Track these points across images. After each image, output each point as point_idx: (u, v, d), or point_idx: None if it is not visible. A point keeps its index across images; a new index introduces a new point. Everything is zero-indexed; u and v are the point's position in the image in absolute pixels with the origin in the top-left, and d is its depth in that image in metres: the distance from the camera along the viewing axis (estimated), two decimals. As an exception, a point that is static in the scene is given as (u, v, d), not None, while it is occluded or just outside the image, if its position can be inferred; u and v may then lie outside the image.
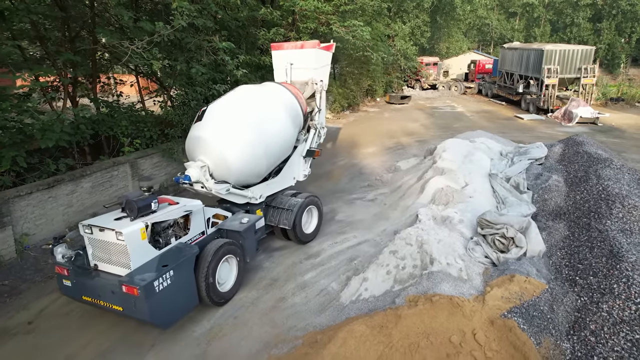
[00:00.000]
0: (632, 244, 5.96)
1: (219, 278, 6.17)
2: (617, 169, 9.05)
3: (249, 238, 6.75)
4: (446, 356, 4.61)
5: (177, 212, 5.96)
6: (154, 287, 5.07)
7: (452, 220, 7.01)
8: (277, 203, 7.92)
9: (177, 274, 5.41)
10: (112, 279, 5.30)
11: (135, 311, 5.11)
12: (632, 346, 4.38)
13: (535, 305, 5.09)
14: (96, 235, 5.44)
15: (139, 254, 5.36)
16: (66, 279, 5.63)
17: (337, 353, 4.76)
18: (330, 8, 12.03)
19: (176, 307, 5.51)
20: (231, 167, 6.71)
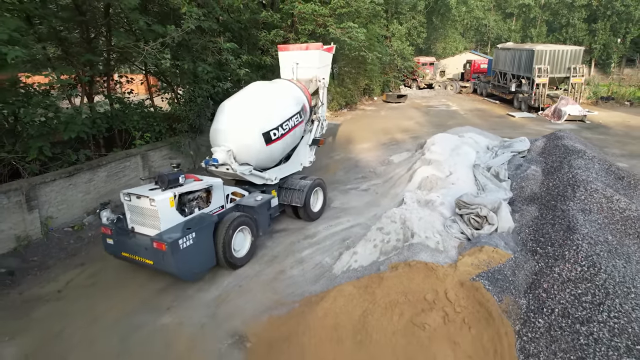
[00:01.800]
0: (588, 220, 6.78)
1: (234, 245, 7.20)
2: (589, 159, 9.87)
3: (262, 214, 7.88)
4: (421, 311, 5.43)
5: (200, 185, 7.08)
6: (179, 244, 6.16)
7: (434, 203, 7.82)
8: (289, 185, 8.98)
9: (199, 236, 6.50)
10: (145, 238, 6.44)
11: (163, 264, 6.21)
12: (574, 299, 5.20)
13: (500, 270, 5.90)
14: (134, 202, 6.62)
15: (168, 218, 6.44)
16: (109, 237, 6.85)
17: (328, 309, 5.58)
18: (327, 11, 12.83)
19: (197, 264, 6.62)
20: (252, 151, 7.81)
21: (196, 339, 5.74)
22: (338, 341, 5.25)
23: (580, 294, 5.26)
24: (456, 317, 5.37)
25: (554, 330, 5.02)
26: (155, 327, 6.00)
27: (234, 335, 5.74)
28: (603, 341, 4.74)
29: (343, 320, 5.44)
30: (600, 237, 6.30)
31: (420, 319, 5.33)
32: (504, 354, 4.99)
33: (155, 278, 7.23)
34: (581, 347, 4.74)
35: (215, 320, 6.13)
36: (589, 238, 6.10)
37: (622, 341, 4.73)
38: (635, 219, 7.31)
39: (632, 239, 6.86)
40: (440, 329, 5.26)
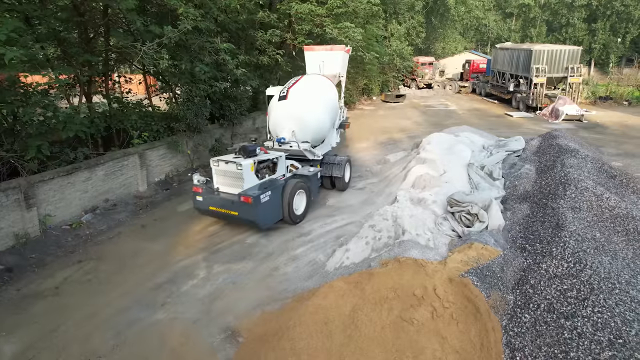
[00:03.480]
0: (577, 218, 6.88)
1: (295, 205, 8.91)
2: (582, 158, 9.97)
3: (314, 182, 9.81)
4: (410, 306, 5.53)
5: (270, 156, 8.92)
6: (260, 199, 7.92)
7: (427, 201, 7.92)
8: (328, 160, 10.76)
9: (273, 194, 8.27)
10: (230, 196, 8.21)
11: (247, 214, 7.99)
12: (560, 295, 5.29)
13: (489, 267, 5.99)
14: (221, 167, 8.42)
15: (249, 180, 8.26)
16: (199, 195, 8.59)
17: (319, 304, 5.69)
18: (324, 11, 12.93)
19: (270, 216, 8.38)
20: (310, 130, 9.76)
21: (189, 334, 5.85)
22: (328, 335, 5.35)
23: (565, 289, 5.36)
24: (444, 313, 5.46)
25: (539, 325, 5.12)
26: (149, 322, 6.11)
27: (227, 330, 5.85)
28: (586, 335, 4.83)
29: (333, 315, 5.54)
30: (588, 234, 6.40)
31: (409, 314, 5.43)
32: (490, 349, 5.09)
33: (151, 275, 7.36)
34: (565, 341, 4.84)
35: (209, 316, 6.24)
36: (577, 235, 6.20)
37: (605, 335, 4.82)
38: (624, 216, 7.41)
39: (620, 236, 6.96)
40: (429, 324, 5.36)
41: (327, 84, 10.89)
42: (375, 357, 5.12)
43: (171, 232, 9.10)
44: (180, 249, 8.36)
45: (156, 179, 11.62)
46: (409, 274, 5.81)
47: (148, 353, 5.51)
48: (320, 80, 10.86)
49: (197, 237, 8.89)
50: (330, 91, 10.71)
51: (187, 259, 7.95)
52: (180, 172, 12.32)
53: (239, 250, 8.22)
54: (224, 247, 8.35)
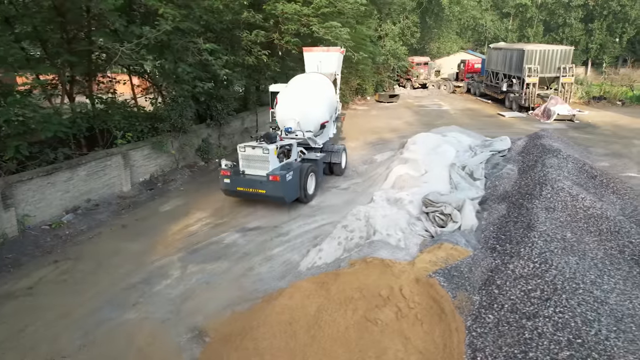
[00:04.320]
0: (550, 218, 6.88)
1: (308, 185, 10.15)
2: (563, 158, 9.98)
3: (320, 165, 11.18)
4: (375, 306, 5.54)
5: (287, 142, 10.23)
6: (286, 178, 9.15)
7: (403, 201, 7.93)
8: (328, 148, 12.05)
9: (294, 175, 9.52)
10: (256, 177, 9.36)
11: (275, 191, 9.16)
12: (524, 295, 5.30)
13: (457, 267, 6.00)
14: (248, 152, 9.53)
15: (273, 162, 9.42)
16: (227, 178, 9.58)
17: (285, 304, 5.70)
18: (310, 11, 12.93)
19: (292, 193, 9.61)
20: (312, 121, 10.91)
21: (157, 334, 5.86)
22: (292, 336, 5.36)
23: (530, 289, 5.36)
24: (409, 313, 5.47)
25: (501, 326, 5.12)
26: (119, 322, 6.12)
27: (194, 330, 5.86)
28: (546, 335, 4.84)
29: (298, 316, 5.55)
30: (558, 234, 6.40)
31: (373, 314, 5.44)
32: (452, 349, 5.09)
33: (126, 275, 7.37)
34: (525, 341, 4.84)
35: (179, 316, 6.25)
36: (546, 235, 6.20)
37: (564, 335, 4.83)
38: (598, 216, 7.42)
39: (593, 236, 6.97)
40: (393, 324, 5.36)
41: (325, 81, 12.17)
42: (338, 357, 5.13)
43: (151, 232, 9.12)
44: (158, 249, 8.37)
45: (140, 179, 11.63)
46: (375, 274, 5.82)
47: (114, 353, 5.52)
48: (319, 77, 12.19)
49: (176, 237, 8.90)
50: (328, 87, 12.06)
51: (163, 258, 7.96)
52: (165, 172, 12.34)
53: (215, 250, 8.23)
54: (201, 247, 8.37)
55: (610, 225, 7.33)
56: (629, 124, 19.75)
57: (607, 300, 5.43)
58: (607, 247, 6.84)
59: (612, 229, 7.24)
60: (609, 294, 5.57)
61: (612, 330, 5.00)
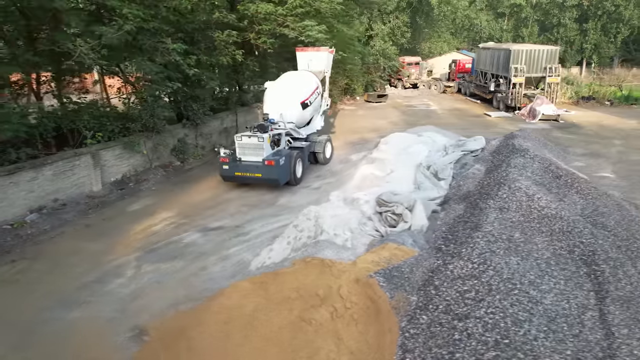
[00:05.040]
0: (501, 218, 6.86)
1: (296, 170, 11.22)
2: (530, 158, 9.95)
3: (306, 153, 12.23)
4: (311, 306, 5.53)
5: (277, 132, 11.18)
6: (279, 162, 10.33)
7: (359, 201, 7.92)
8: (312, 139, 13.05)
9: (285, 160, 10.62)
10: (252, 162, 10.46)
11: (270, 174, 10.36)
12: (459, 296, 5.28)
13: (399, 267, 5.98)
14: (244, 140, 10.57)
15: (267, 149, 10.49)
16: (225, 164, 10.66)
17: (223, 304, 5.70)
18: (284, 11, 12.92)
19: (285, 176, 10.77)
20: (294, 114, 12.02)
21: (98, 333, 5.86)
22: (227, 335, 5.36)
23: (465, 290, 5.35)
24: (345, 313, 5.45)
25: (434, 327, 5.10)
26: (63, 321, 6.12)
27: (135, 329, 5.86)
28: (475, 336, 4.83)
29: (235, 315, 5.55)
30: (505, 234, 6.38)
31: (308, 314, 5.42)
32: (384, 350, 5.07)
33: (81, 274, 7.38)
34: (454, 342, 4.83)
35: (124, 315, 6.25)
36: (491, 236, 6.19)
37: (493, 336, 4.82)
38: (552, 216, 7.39)
39: (544, 237, 6.94)
40: (328, 324, 5.35)
41: (310, 77, 13.38)
42: (270, 357, 5.12)
43: (114, 232, 9.13)
44: (117, 249, 8.37)
45: (112, 178, 11.64)
46: (314, 274, 5.81)
47: (51, 352, 5.53)
48: (304, 74, 13.52)
49: (138, 236, 8.91)
50: (311, 83, 13.17)
51: (120, 258, 7.97)
52: (138, 172, 12.35)
53: (173, 249, 8.24)
54: (160, 247, 8.38)
55: (564, 225, 7.30)
56: (614, 124, 19.68)
57: (542, 300, 5.41)
58: (557, 247, 6.81)
59: (565, 229, 7.21)
60: (546, 294, 5.55)
61: (542, 331, 4.99)
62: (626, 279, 6.62)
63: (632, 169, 12.83)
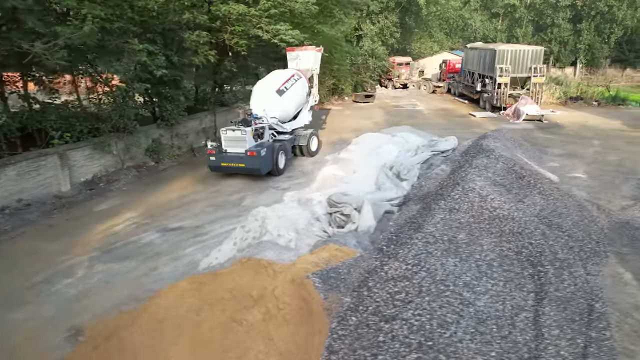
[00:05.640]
0: (447, 219, 6.82)
1: (279, 160, 12.14)
2: (494, 159, 9.89)
3: (289, 146, 13.20)
4: (244, 307, 5.52)
5: (260, 126, 11.98)
6: (261, 153, 11.14)
7: (312, 202, 7.90)
8: (297, 133, 13.98)
9: (267, 151, 11.47)
10: (237, 154, 11.26)
11: (252, 164, 11.20)
12: (389, 297, 5.26)
13: (337, 268, 5.96)
14: (229, 134, 11.42)
15: (250, 141, 11.27)
16: (212, 156, 11.46)
17: (159, 304, 5.71)
18: (257, 12, 12.91)
19: (266, 166, 11.60)
20: (277, 109, 12.88)
21: (36, 333, 5.86)
22: (159, 335, 5.36)
23: (396, 292, 5.32)
24: (277, 314, 5.44)
25: (361, 328, 5.08)
26: (3, 322, 6.13)
27: (72, 330, 5.86)
28: (399, 338, 4.81)
29: (170, 315, 5.55)
30: (447, 236, 6.35)
31: (240, 315, 5.42)
32: (312, 351, 5.06)
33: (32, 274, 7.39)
34: (378, 344, 4.81)
35: (66, 315, 6.25)
36: (431, 237, 6.16)
37: (417, 338, 4.79)
38: (504, 217, 7.35)
39: (492, 238, 6.90)
40: (259, 325, 5.34)
41: (288, 71, 14.15)
42: (200, 357, 5.12)
43: (76, 232, 9.14)
44: (75, 249, 8.38)
45: (82, 179, 11.66)
46: (250, 275, 5.80)
47: (-17, 353, 5.53)
48: (285, 71, 14.28)
49: (99, 236, 8.93)
50: (287, 74, 13.93)
51: (76, 258, 7.98)
52: (109, 173, 12.37)
53: (130, 249, 8.25)
54: (117, 247, 8.39)
55: (515, 226, 7.26)
56: (597, 125, 19.62)
57: (475, 302, 5.39)
58: (505, 248, 6.78)
59: (515, 230, 7.18)
60: (480, 295, 5.52)
61: (469, 333, 4.96)
62: (571, 279, 6.61)
63: (605, 169, 12.80)
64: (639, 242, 8.17)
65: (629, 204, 9.96)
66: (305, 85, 14.67)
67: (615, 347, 5.36)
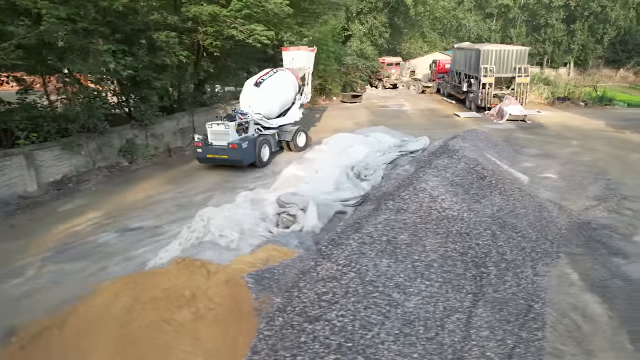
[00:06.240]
0: (391, 219, 6.81)
1: (262, 154, 13.00)
2: (457, 159, 9.89)
3: (273, 140, 13.89)
4: (175, 307, 5.51)
5: (244, 120, 12.85)
6: (242, 145, 12.03)
7: (265, 202, 7.90)
8: (284, 129, 14.61)
9: (248, 144, 12.32)
10: (222, 146, 12.09)
11: (234, 156, 12.09)
12: (316, 297, 5.25)
13: (272, 269, 5.96)
14: (214, 128, 12.29)
15: (233, 135, 12.15)
16: (199, 148, 12.36)
17: (92, 303, 5.70)
18: (230, 13, 12.91)
19: (248, 157, 12.40)
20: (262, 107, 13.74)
21: (-29, 334, 5.87)
22: (87, 335, 5.35)
23: (324, 292, 5.31)
24: (208, 314, 5.43)
25: (285, 329, 5.07)
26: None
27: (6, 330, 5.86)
28: (320, 339, 4.80)
29: (101, 315, 5.53)
30: (386, 236, 6.33)
31: (170, 314, 5.41)
32: (237, 351, 5.06)
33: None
34: (299, 344, 4.80)
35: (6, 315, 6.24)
36: (368, 237, 6.15)
37: (337, 339, 4.79)
38: (452, 218, 7.35)
39: (438, 239, 6.89)
40: (188, 325, 5.33)
41: (285, 74, 14.92)
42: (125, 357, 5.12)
43: (36, 232, 9.15)
44: (31, 249, 8.39)
45: (50, 179, 11.67)
46: (185, 275, 5.80)
47: None
48: (279, 71, 14.93)
49: (57, 237, 8.93)
50: (284, 79, 14.72)
51: (29, 258, 7.99)
52: (80, 173, 12.37)
53: (85, 249, 8.26)
54: (73, 247, 8.39)
55: (463, 226, 7.26)
56: (580, 125, 19.56)
57: (404, 303, 5.38)
58: (450, 248, 6.77)
59: (463, 231, 7.17)
60: (412, 297, 5.51)
61: (392, 334, 4.95)
62: (515, 280, 6.59)
63: (577, 169, 12.75)
64: (593, 243, 8.16)
65: (592, 205, 9.93)
66: (294, 82, 15.21)
67: (545, 347, 5.35)
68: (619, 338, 5.54)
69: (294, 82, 15.31)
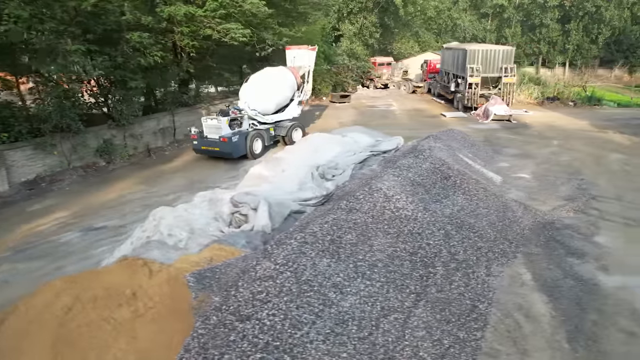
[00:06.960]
0: (339, 219, 6.80)
1: (254, 146, 13.95)
2: (423, 159, 9.89)
3: (267, 134, 14.75)
4: (115, 305, 5.53)
5: (237, 115, 13.78)
6: (232, 139, 12.99)
7: (221, 202, 7.90)
8: (280, 125, 15.39)
9: (240, 138, 13.32)
10: (215, 139, 13.01)
11: (225, 148, 13.01)
12: (251, 297, 5.25)
13: (215, 268, 5.97)
14: (208, 122, 13.34)
15: (225, 129, 13.11)
16: (195, 140, 13.45)
17: (33, 303, 5.72)
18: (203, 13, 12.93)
19: (238, 151, 13.35)
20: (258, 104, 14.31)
21: None
22: (26, 335, 5.36)
23: (258, 291, 5.32)
24: (146, 313, 5.44)
25: (219, 327, 5.07)
26: None
27: (-50, 330, 5.89)
28: (248, 338, 4.81)
29: (41, 314, 5.55)
30: (331, 236, 6.33)
31: (110, 313, 5.42)
32: (171, 350, 5.06)
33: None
34: (228, 343, 4.80)
35: (-46, 315, 6.28)
36: (311, 236, 6.15)
37: (265, 338, 4.80)
38: (405, 218, 7.36)
39: (388, 238, 6.89)
40: (126, 324, 5.34)
41: (283, 73, 15.57)
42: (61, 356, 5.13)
43: None
44: (-7, 248, 8.43)
45: (23, 179, 11.72)
46: (127, 274, 5.81)
47: None
48: (277, 70, 15.63)
49: (20, 236, 8.97)
50: (282, 78, 15.32)
51: (-12, 257, 8.03)
52: (54, 173, 12.42)
53: (44, 249, 8.29)
54: (33, 247, 8.43)
55: (416, 226, 7.27)
56: (565, 125, 19.51)
57: (340, 303, 5.38)
58: (400, 248, 6.78)
59: (415, 231, 7.18)
60: (349, 296, 5.52)
61: (323, 334, 4.96)
62: (463, 280, 6.58)
63: (552, 169, 12.73)
64: (553, 243, 8.14)
65: (560, 205, 9.91)
66: (292, 81, 15.72)
67: (482, 347, 5.34)
68: (558, 337, 5.53)
69: (292, 81, 15.77)
